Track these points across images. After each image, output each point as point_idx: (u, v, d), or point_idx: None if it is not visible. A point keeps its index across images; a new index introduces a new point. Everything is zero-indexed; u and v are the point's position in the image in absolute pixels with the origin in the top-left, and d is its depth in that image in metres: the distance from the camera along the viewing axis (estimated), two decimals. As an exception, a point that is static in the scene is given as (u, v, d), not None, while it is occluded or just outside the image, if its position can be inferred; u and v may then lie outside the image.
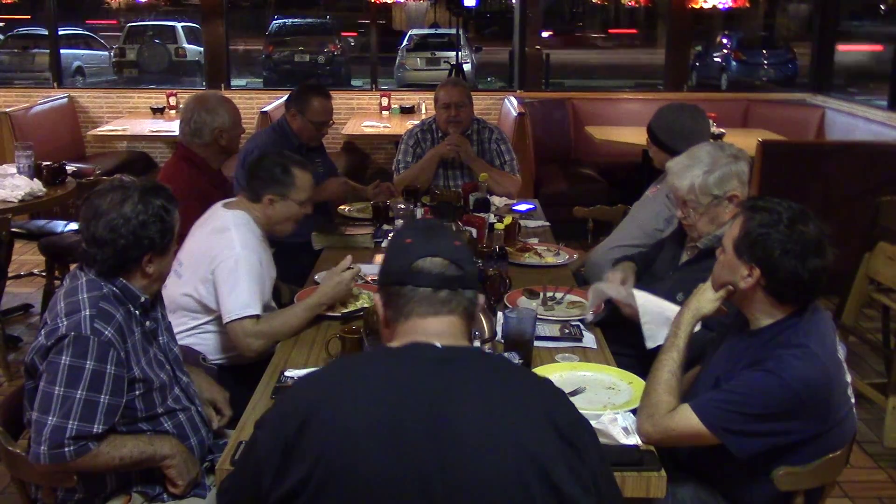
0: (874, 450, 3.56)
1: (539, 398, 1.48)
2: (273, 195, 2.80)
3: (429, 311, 1.52)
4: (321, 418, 1.39)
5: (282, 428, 1.42)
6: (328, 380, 1.52)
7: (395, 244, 1.61)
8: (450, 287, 1.53)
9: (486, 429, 1.38)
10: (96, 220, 2.04)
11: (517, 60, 7.74)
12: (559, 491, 1.38)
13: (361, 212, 4.04)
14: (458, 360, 1.48)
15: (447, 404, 1.40)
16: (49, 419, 1.93)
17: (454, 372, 1.45)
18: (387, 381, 1.44)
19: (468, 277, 1.56)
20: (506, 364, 1.66)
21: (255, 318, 2.61)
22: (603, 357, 2.47)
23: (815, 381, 1.90)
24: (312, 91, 4.08)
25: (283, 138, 4.04)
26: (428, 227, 1.63)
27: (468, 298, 1.55)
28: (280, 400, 1.53)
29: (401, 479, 1.36)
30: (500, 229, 3.27)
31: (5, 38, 16.58)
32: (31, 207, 4.39)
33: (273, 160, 2.88)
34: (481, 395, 1.43)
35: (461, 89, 4.39)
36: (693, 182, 2.60)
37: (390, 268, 1.57)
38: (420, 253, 1.53)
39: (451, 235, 1.62)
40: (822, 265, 1.94)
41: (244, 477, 1.49)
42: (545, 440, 1.40)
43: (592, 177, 6.61)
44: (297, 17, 19.66)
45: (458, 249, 1.57)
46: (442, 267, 1.53)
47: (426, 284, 1.52)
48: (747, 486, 2.02)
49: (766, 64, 17.12)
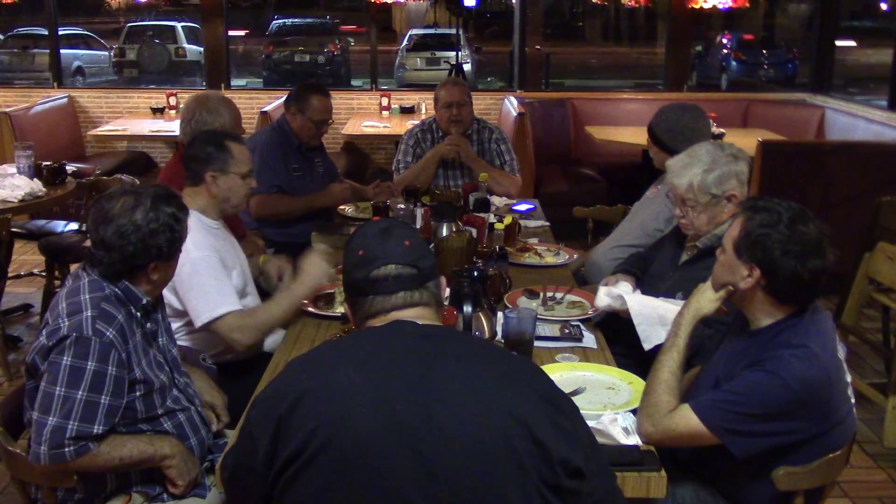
0: (874, 450, 3.56)
1: (519, 367, 1.58)
2: (213, 171, 2.74)
3: (390, 309, 1.61)
4: (314, 392, 1.45)
5: (274, 406, 1.47)
6: (319, 358, 1.59)
7: (349, 257, 1.66)
8: (408, 288, 1.61)
9: (471, 392, 1.45)
10: (106, 224, 2.04)
11: (517, 60, 7.74)
12: (544, 446, 1.41)
13: (361, 212, 4.04)
14: (439, 335, 1.57)
15: (432, 369, 1.47)
16: (49, 419, 1.93)
17: (437, 344, 1.53)
18: (375, 352, 1.52)
19: (425, 272, 1.63)
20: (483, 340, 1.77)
21: (236, 312, 2.59)
22: (603, 357, 2.47)
23: (816, 381, 1.90)
24: (312, 89, 4.07)
25: (283, 137, 4.04)
26: (377, 233, 1.66)
27: (430, 290, 1.64)
28: (273, 380, 1.58)
29: (391, 440, 1.40)
30: (500, 229, 3.27)
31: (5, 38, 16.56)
32: (31, 207, 4.39)
33: (204, 138, 2.84)
34: (464, 362, 1.51)
35: (462, 88, 4.40)
36: (692, 181, 2.60)
37: (349, 280, 1.64)
38: (373, 264, 1.60)
39: (401, 235, 1.65)
40: (822, 265, 1.94)
41: (241, 454, 1.54)
42: (527, 399, 1.46)
43: (592, 177, 6.61)
44: (297, 17, 19.65)
45: (410, 250, 1.63)
46: (396, 271, 1.60)
47: (386, 292, 1.60)
48: (747, 486, 2.02)
49: (766, 64, 17.12)
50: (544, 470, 1.42)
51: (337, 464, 1.40)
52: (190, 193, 2.73)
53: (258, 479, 1.47)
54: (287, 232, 3.92)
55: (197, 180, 2.76)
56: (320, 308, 2.78)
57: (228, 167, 2.76)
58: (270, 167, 3.93)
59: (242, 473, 1.53)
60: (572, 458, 1.44)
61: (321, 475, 1.41)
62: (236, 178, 2.78)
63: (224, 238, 2.83)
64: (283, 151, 4.01)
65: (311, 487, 1.42)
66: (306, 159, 4.10)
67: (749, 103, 7.43)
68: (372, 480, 1.40)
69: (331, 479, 1.41)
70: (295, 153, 4.05)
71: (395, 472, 1.39)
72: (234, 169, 2.77)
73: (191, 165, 2.78)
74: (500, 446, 1.40)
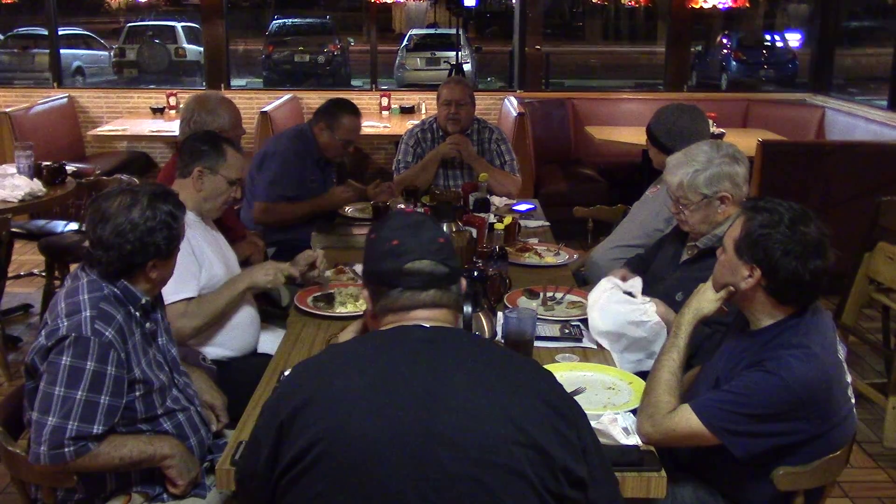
0: (874, 450, 3.56)
1: (525, 373, 1.54)
2: (202, 167, 2.73)
3: (417, 306, 1.57)
4: (316, 400, 1.44)
5: (277, 412, 1.47)
6: (323, 365, 1.56)
7: (378, 245, 1.62)
8: (438, 286, 1.58)
9: (473, 399, 1.43)
10: (103, 224, 2.05)
11: (517, 60, 7.74)
12: (546, 454, 1.41)
13: (361, 212, 4.04)
14: (445, 338, 1.54)
15: (435, 376, 1.45)
16: (49, 420, 1.93)
17: (441, 349, 1.51)
18: (377, 358, 1.50)
19: (454, 273, 1.61)
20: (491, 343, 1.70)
21: (186, 301, 2.58)
22: (603, 357, 2.47)
23: (816, 381, 1.90)
24: (344, 108, 4.01)
25: (305, 147, 4.01)
26: (410, 225, 1.62)
27: (454, 293, 1.61)
28: (278, 386, 1.59)
29: (392, 448, 1.39)
30: (500, 229, 3.27)
31: (5, 38, 16.57)
32: (31, 207, 4.39)
33: (203, 135, 2.85)
34: (468, 368, 1.48)
35: (463, 88, 4.40)
36: (682, 179, 2.60)
37: (378, 269, 1.60)
38: (408, 256, 1.57)
39: (434, 231, 1.63)
40: (822, 266, 1.94)
41: (248, 457, 1.56)
42: (531, 407, 1.44)
43: (592, 177, 6.61)
44: (297, 17, 19.66)
45: (444, 247, 1.60)
46: (431, 267, 1.57)
47: (417, 287, 1.57)
48: (747, 486, 2.02)
49: (766, 64, 17.12)
50: (547, 478, 1.41)
51: (337, 471, 1.40)
52: (176, 184, 2.75)
53: (262, 482, 1.49)
54: (288, 232, 3.92)
55: (185, 172, 2.76)
56: (320, 308, 2.78)
57: (218, 168, 2.75)
58: (289, 176, 3.92)
59: (248, 476, 1.55)
60: (575, 467, 1.43)
61: (321, 481, 1.41)
62: (223, 181, 2.77)
63: (207, 229, 2.82)
64: (303, 162, 3.99)
65: (311, 492, 1.42)
66: (322, 170, 4.10)
67: (749, 103, 7.43)
68: (372, 488, 1.39)
69: (331, 485, 1.41)
70: (314, 165, 4.04)
71: (395, 480, 1.39)
72: (223, 171, 2.76)
73: (183, 157, 2.79)
74: (502, 454, 1.39)
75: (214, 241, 2.84)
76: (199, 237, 2.72)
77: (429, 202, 3.91)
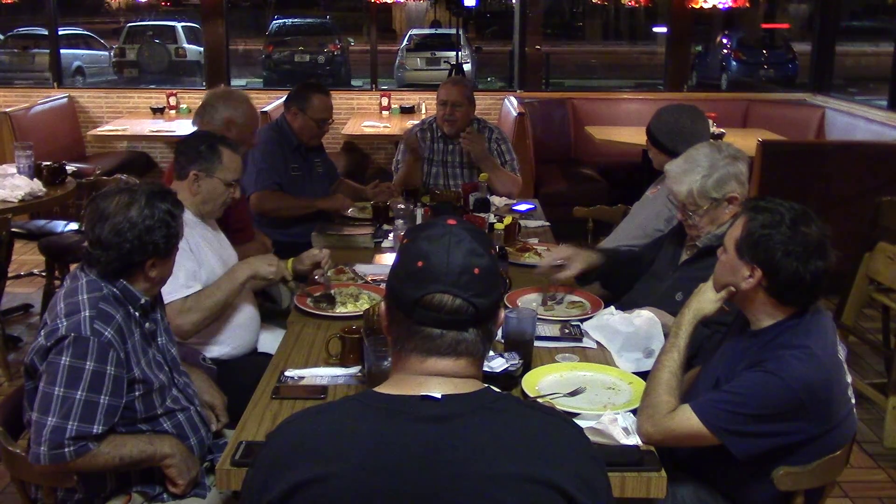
0: (874, 450, 3.56)
1: (547, 449, 1.31)
2: (198, 170, 2.72)
3: (431, 352, 1.35)
4: (305, 489, 1.28)
5: (263, 489, 1.32)
6: (314, 444, 1.32)
7: (407, 257, 1.37)
8: (458, 328, 1.34)
9: (487, 483, 1.26)
10: (102, 223, 2.04)
11: (517, 60, 7.75)
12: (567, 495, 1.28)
13: (361, 212, 4.04)
14: (459, 415, 1.31)
15: (444, 468, 1.26)
16: (49, 420, 1.93)
17: (454, 430, 1.29)
18: (378, 445, 1.29)
19: (484, 313, 1.35)
20: (520, 410, 1.39)
21: (182, 298, 2.57)
22: (603, 357, 2.46)
23: (816, 381, 1.90)
24: (312, 88, 4.08)
25: (282, 137, 4.03)
26: (445, 244, 1.35)
27: (479, 336, 1.36)
28: (265, 453, 1.36)
29: None
30: (500, 229, 3.27)
31: (5, 38, 16.57)
32: (31, 207, 4.40)
33: (200, 137, 2.83)
34: (488, 458, 1.27)
35: (460, 89, 4.39)
36: (691, 187, 2.60)
37: (398, 286, 1.36)
38: (430, 287, 1.32)
39: (471, 258, 1.34)
40: (823, 267, 1.94)
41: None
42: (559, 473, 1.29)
43: (592, 177, 6.61)
44: (297, 17, 19.66)
45: (477, 280, 1.33)
46: (454, 305, 1.32)
47: (432, 324, 1.33)
48: (747, 486, 2.02)
49: (766, 64, 17.12)
50: None
51: None
52: (175, 185, 2.74)
53: None
54: (288, 232, 3.92)
55: (182, 175, 2.76)
56: (321, 309, 2.78)
57: (214, 171, 2.74)
58: (270, 164, 3.93)
59: None
60: None
61: None
62: (219, 183, 2.76)
63: (206, 227, 2.81)
64: (281, 150, 4.01)
65: None
66: (305, 160, 4.10)
67: (749, 103, 7.43)
68: None
69: None
70: (294, 153, 4.05)
71: None
72: (219, 174, 2.75)
73: (179, 158, 2.78)
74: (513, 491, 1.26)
75: (214, 241, 2.84)
76: (197, 237, 2.72)
77: (429, 202, 3.92)
